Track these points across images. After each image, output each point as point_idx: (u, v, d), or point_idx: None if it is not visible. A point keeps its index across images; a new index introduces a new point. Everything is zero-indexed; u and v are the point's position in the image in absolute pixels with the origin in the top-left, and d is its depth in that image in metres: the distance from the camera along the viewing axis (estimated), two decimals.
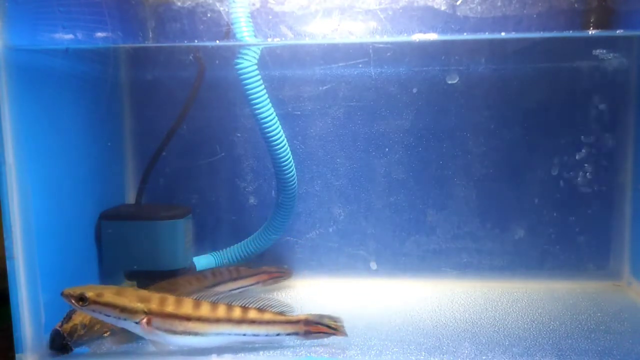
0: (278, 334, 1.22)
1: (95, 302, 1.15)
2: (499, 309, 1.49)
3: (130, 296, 1.17)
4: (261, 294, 1.53)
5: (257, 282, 1.60)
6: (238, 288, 1.54)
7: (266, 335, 1.21)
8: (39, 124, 1.26)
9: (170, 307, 1.17)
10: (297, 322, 1.23)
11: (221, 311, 1.19)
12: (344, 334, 1.25)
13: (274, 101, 1.45)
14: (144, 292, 1.20)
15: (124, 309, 1.15)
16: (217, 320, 1.19)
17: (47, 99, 1.29)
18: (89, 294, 1.14)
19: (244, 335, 1.20)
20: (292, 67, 1.63)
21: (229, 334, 1.20)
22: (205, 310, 1.18)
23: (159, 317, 1.16)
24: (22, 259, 1.18)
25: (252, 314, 1.20)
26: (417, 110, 1.64)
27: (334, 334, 1.25)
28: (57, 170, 1.33)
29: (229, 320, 1.19)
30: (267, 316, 1.21)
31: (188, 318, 1.17)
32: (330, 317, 1.25)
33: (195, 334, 1.18)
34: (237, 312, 1.20)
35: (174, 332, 1.17)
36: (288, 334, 1.23)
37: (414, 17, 1.37)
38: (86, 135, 1.48)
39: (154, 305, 1.16)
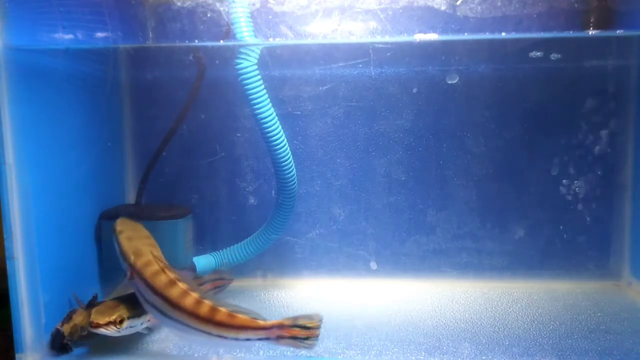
0: (248, 339, 1.13)
1: (115, 233, 1.27)
2: (499, 309, 1.49)
3: (133, 246, 1.21)
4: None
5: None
6: None
7: (235, 339, 1.13)
8: (39, 124, 1.26)
9: (147, 272, 1.15)
10: (270, 327, 1.12)
11: (189, 300, 1.11)
12: (316, 335, 1.13)
13: (274, 101, 1.45)
14: (145, 249, 1.21)
15: (122, 253, 1.23)
16: (182, 309, 1.11)
17: (47, 99, 1.29)
18: (117, 227, 1.28)
19: (209, 334, 1.12)
20: (292, 67, 1.63)
21: (194, 328, 1.12)
22: (175, 292, 1.12)
23: (137, 277, 1.17)
24: (22, 259, 1.18)
25: (221, 316, 1.11)
26: (417, 110, 1.64)
27: (307, 336, 1.12)
28: (57, 170, 1.33)
29: (194, 314, 1.11)
30: (238, 321, 1.11)
31: (156, 292, 1.13)
32: (306, 317, 1.13)
33: (160, 311, 1.14)
34: (205, 309, 1.11)
35: (144, 298, 1.16)
36: (259, 339, 1.13)
37: (414, 17, 1.37)
38: (86, 135, 1.48)
39: (138, 264, 1.17)
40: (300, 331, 1.12)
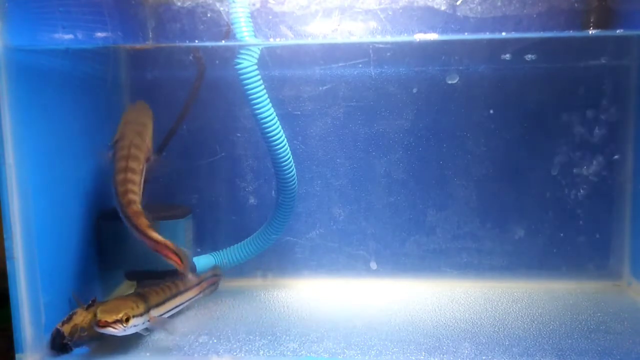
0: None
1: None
2: (499, 309, 1.49)
3: (123, 129, 1.32)
4: None
5: (200, 292, 1.52)
6: (187, 301, 1.46)
7: (133, 229, 1.28)
8: (39, 124, 1.26)
9: (117, 155, 1.28)
10: (160, 241, 1.28)
11: (122, 188, 1.26)
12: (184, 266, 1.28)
13: (274, 101, 1.45)
14: (129, 135, 1.30)
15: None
16: (117, 192, 1.26)
17: (47, 99, 1.29)
18: (128, 107, 1.41)
19: (126, 218, 1.27)
20: (292, 67, 1.63)
21: (119, 209, 1.28)
22: (120, 177, 1.26)
23: (111, 156, 1.30)
24: (22, 259, 1.18)
25: (129, 203, 1.27)
26: (417, 110, 1.64)
27: (176, 262, 1.27)
28: (57, 170, 1.33)
29: (119, 197, 1.26)
30: (140, 223, 1.27)
31: (114, 171, 1.28)
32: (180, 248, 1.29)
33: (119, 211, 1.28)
34: (144, 222, 1.26)
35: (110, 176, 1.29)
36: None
37: (414, 17, 1.37)
38: (86, 135, 1.48)
39: (116, 146, 1.29)
40: (174, 256, 1.27)
